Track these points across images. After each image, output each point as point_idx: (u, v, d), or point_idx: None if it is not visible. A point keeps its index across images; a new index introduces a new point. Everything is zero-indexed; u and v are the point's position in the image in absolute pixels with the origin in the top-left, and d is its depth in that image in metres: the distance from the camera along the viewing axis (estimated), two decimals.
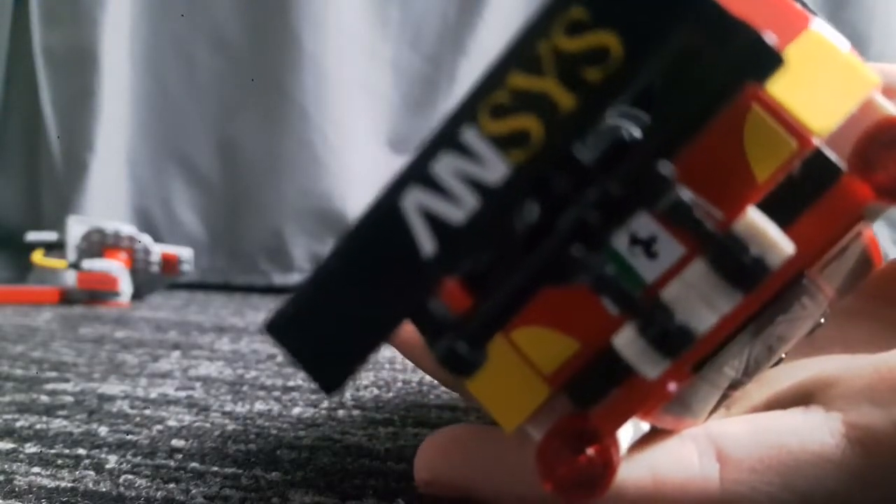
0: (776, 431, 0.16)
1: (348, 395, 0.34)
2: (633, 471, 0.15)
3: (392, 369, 0.40)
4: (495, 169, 0.12)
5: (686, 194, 0.12)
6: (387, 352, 0.45)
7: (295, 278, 0.89)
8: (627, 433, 0.16)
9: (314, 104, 0.88)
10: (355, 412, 0.31)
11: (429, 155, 0.12)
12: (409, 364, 0.41)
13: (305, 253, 0.89)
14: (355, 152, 0.89)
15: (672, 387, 0.14)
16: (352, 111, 0.89)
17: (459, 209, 0.12)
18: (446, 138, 0.12)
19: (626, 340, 0.13)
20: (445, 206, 0.12)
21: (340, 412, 0.31)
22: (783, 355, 0.18)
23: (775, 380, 0.19)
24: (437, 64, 0.90)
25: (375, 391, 0.35)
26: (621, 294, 0.13)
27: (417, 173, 0.12)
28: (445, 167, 0.12)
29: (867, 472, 0.15)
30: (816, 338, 0.19)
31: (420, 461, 0.18)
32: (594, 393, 0.15)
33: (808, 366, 0.19)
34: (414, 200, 0.12)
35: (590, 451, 0.14)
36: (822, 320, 0.18)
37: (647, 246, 0.14)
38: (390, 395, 0.34)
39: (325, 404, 0.32)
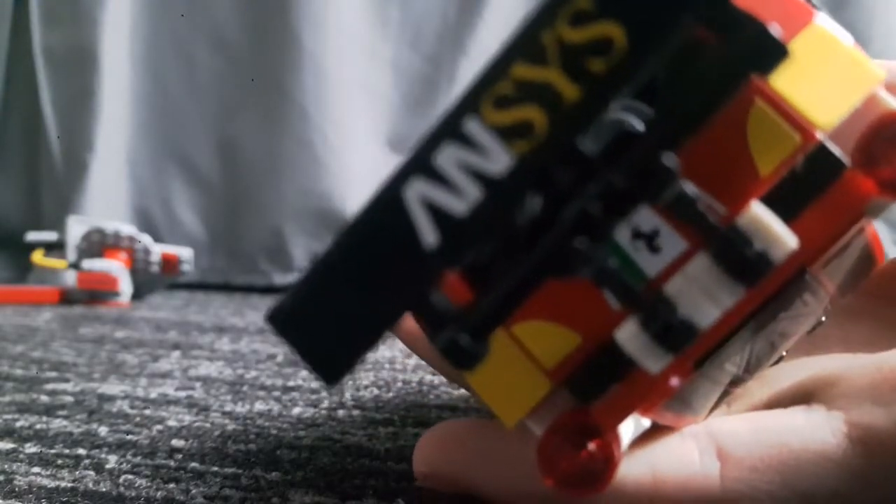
0: (777, 430, 0.16)
1: (348, 395, 0.34)
2: (633, 468, 0.15)
3: (392, 369, 0.40)
4: (498, 160, 0.12)
5: (689, 188, 0.12)
6: (387, 352, 0.45)
7: (295, 278, 0.89)
8: (628, 429, 0.16)
9: (314, 104, 0.88)
10: (355, 412, 0.31)
11: (431, 146, 0.12)
12: (410, 364, 0.41)
13: (305, 253, 0.89)
14: (355, 152, 0.89)
15: (674, 382, 0.14)
16: (352, 111, 0.89)
17: (462, 200, 0.12)
18: (449, 129, 0.12)
19: (629, 335, 0.13)
20: (448, 197, 0.12)
21: (340, 412, 0.31)
22: (784, 353, 0.18)
23: (775, 378, 0.19)
24: (437, 64, 0.90)
25: (375, 391, 0.35)
26: (623, 288, 0.13)
27: (420, 164, 0.12)
28: (448, 158, 0.12)
29: (869, 471, 0.15)
30: (817, 337, 0.19)
31: (418, 455, 0.18)
32: (596, 387, 0.15)
33: (808, 365, 0.19)
34: (416, 192, 0.12)
35: (591, 446, 0.14)
36: (824, 318, 0.18)
37: (650, 240, 0.14)
38: (390, 395, 0.34)
39: (325, 404, 0.32)
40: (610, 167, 0.12)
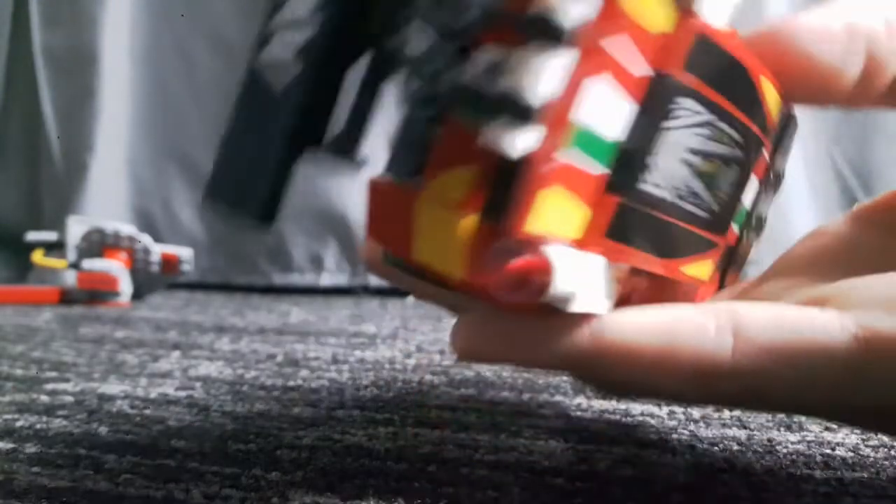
0: (793, 319, 0.16)
1: (348, 395, 0.34)
2: (651, 335, 0.16)
3: (392, 369, 0.40)
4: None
5: None
6: (387, 352, 0.45)
7: (295, 278, 0.89)
8: (597, 286, 0.16)
9: None
10: (355, 412, 0.31)
11: (262, 30, 0.17)
12: (409, 364, 0.41)
13: (305, 253, 0.89)
14: None
15: (557, 159, 0.15)
16: None
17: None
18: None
19: (483, 126, 0.14)
20: (284, 48, 0.16)
21: (340, 412, 0.31)
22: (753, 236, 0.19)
23: (787, 297, 0.19)
24: None
25: (375, 391, 0.35)
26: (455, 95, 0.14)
27: (260, 40, 0.17)
28: (276, 24, 0.16)
29: (869, 370, 0.16)
30: (813, 262, 0.20)
31: (459, 336, 0.18)
32: (503, 203, 0.15)
33: (811, 286, 0.19)
34: (262, 60, 0.17)
35: (518, 249, 0.15)
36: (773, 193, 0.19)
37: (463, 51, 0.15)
38: (390, 395, 0.34)
39: (325, 404, 0.32)
40: None
